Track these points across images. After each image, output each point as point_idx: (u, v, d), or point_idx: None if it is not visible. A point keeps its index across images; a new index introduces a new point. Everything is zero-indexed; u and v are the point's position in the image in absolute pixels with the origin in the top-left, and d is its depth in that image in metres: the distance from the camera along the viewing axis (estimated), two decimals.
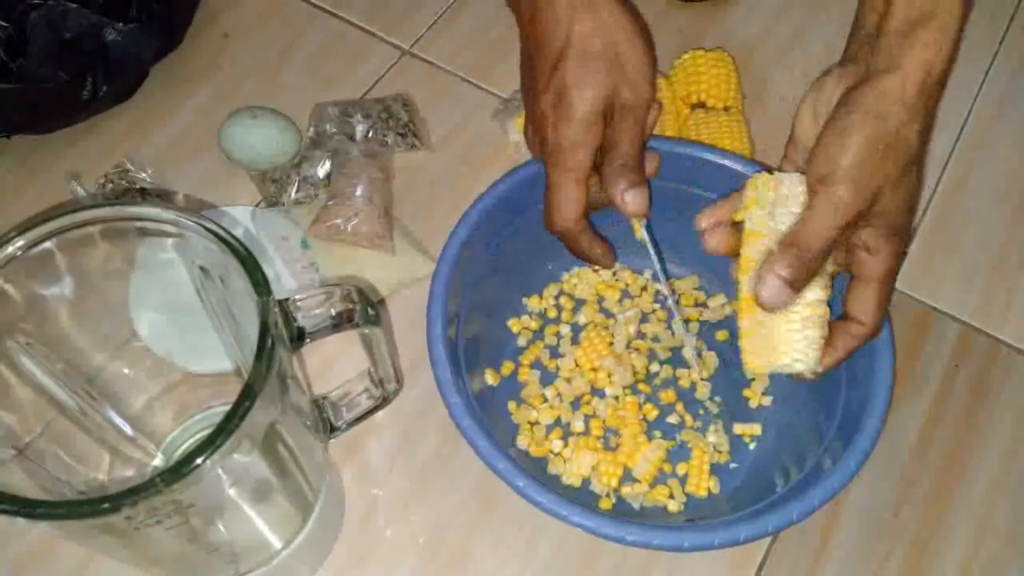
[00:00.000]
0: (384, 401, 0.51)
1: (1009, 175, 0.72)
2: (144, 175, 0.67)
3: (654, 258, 0.55)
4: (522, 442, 0.58)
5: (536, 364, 0.62)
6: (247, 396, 0.35)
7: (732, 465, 0.59)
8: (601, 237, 0.55)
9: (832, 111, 0.45)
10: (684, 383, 0.61)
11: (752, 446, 0.59)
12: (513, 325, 0.63)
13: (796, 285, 0.45)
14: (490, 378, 0.60)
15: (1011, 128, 0.74)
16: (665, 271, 0.56)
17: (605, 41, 0.50)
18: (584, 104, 0.49)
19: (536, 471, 0.57)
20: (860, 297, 0.48)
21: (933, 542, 0.57)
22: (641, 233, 0.54)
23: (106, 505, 0.33)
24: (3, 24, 0.63)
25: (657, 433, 0.59)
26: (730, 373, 0.61)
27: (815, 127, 0.47)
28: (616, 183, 0.51)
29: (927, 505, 0.59)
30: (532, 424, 0.59)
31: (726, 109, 0.70)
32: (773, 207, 0.47)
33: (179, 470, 0.33)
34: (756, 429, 0.59)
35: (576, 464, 0.57)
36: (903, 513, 0.58)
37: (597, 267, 0.65)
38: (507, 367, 0.62)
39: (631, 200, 0.51)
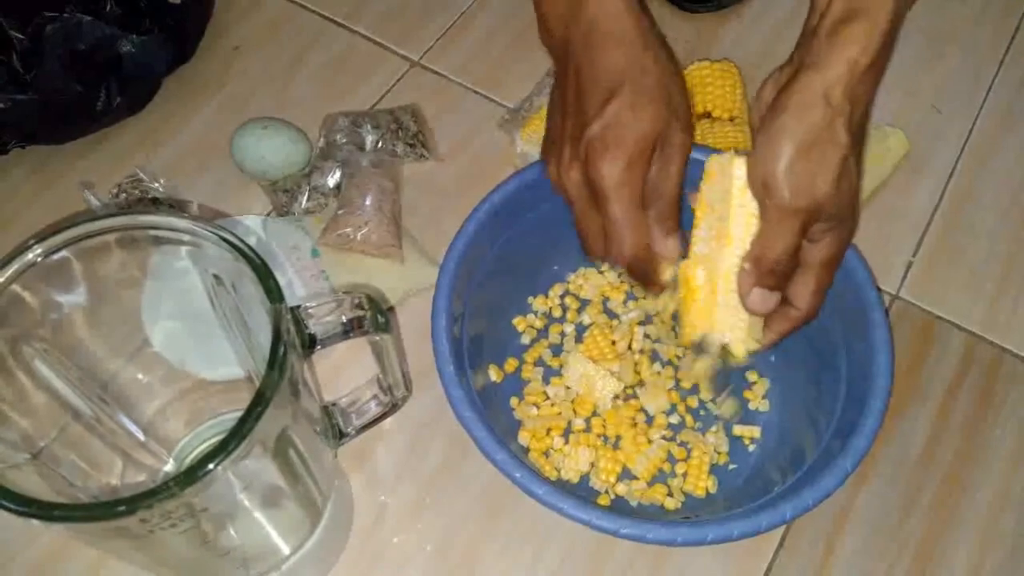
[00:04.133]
0: (393, 408, 0.52)
1: (1014, 185, 0.72)
2: (157, 185, 0.68)
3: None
4: (523, 437, 0.59)
5: (540, 362, 0.63)
6: (260, 402, 0.36)
7: (731, 466, 0.59)
8: None
9: (766, 112, 0.46)
10: (686, 384, 0.62)
11: (751, 448, 0.60)
12: (518, 323, 0.64)
13: (775, 287, 0.48)
14: (493, 374, 0.61)
15: (1016, 138, 0.74)
16: None
17: (658, 80, 0.50)
18: (642, 132, 0.49)
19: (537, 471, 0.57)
20: (798, 283, 0.49)
21: (938, 551, 0.58)
22: (668, 276, 0.53)
23: (122, 508, 0.33)
24: (19, 36, 0.65)
25: (657, 432, 0.60)
26: (732, 375, 0.62)
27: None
28: (660, 227, 0.51)
29: (932, 513, 0.59)
30: (533, 420, 0.60)
31: (732, 119, 0.71)
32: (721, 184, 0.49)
33: (193, 474, 0.34)
34: (755, 431, 0.60)
35: (575, 460, 0.58)
36: (908, 521, 0.58)
37: (604, 269, 0.66)
38: (511, 364, 0.62)
39: (672, 246, 0.51)
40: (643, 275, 0.52)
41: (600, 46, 0.50)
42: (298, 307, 0.41)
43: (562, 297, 0.65)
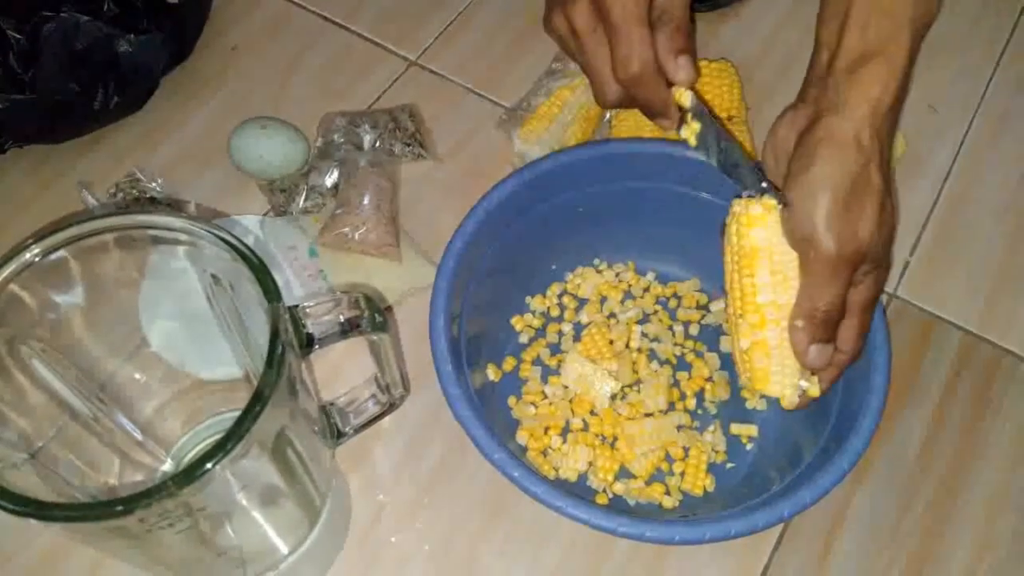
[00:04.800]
0: (391, 407, 0.52)
1: (1011, 185, 0.72)
2: (154, 185, 0.68)
3: (708, 120, 0.52)
4: (521, 436, 0.59)
5: (537, 361, 0.63)
6: (258, 401, 0.36)
7: (729, 465, 0.59)
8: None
9: (791, 159, 0.46)
10: (684, 383, 0.62)
11: (749, 447, 0.60)
12: (516, 323, 0.64)
13: (829, 339, 0.48)
14: (492, 373, 0.61)
15: (1012, 139, 0.74)
16: (723, 134, 0.52)
17: None
18: None
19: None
20: (843, 327, 0.49)
21: (935, 551, 0.58)
22: (687, 101, 0.52)
23: (120, 507, 0.33)
24: (16, 36, 0.64)
25: (655, 430, 0.60)
26: (729, 375, 0.62)
27: (777, 167, 0.48)
28: (670, 48, 0.50)
29: (929, 514, 0.59)
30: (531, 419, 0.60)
31: (729, 119, 0.71)
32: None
33: (191, 473, 0.34)
34: (753, 430, 0.60)
35: (573, 458, 0.58)
36: (905, 522, 0.59)
37: (602, 268, 0.66)
38: (509, 363, 0.62)
39: (684, 64, 0.50)
40: (652, 100, 0.51)
41: None
42: (296, 307, 0.42)
43: (560, 296, 0.66)
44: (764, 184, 0.49)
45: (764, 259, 0.48)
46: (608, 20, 0.49)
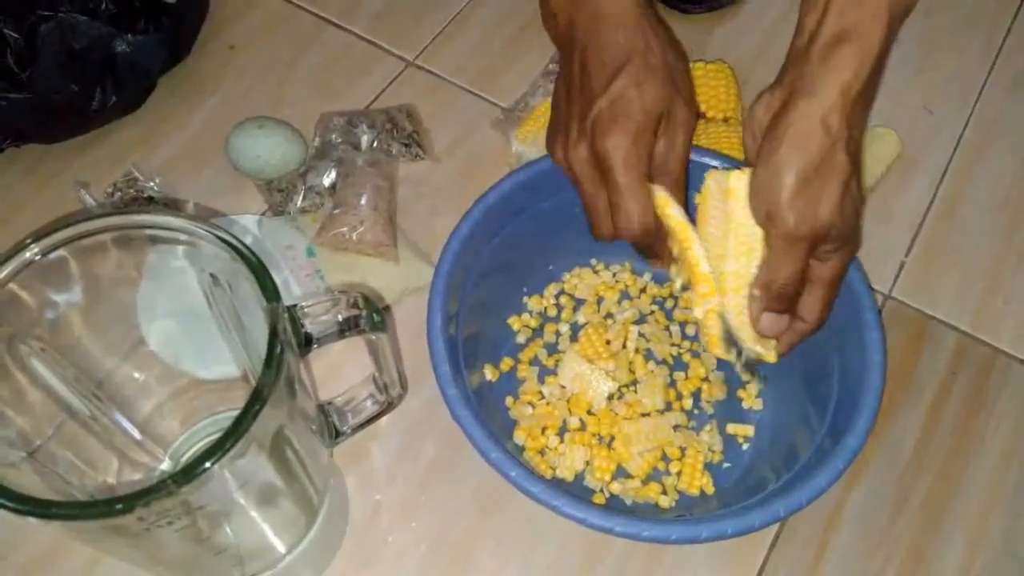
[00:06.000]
0: (389, 406, 0.52)
1: (1005, 186, 0.72)
2: (152, 184, 0.68)
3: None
4: (519, 436, 0.59)
5: (535, 361, 0.63)
6: (256, 400, 0.36)
7: (725, 465, 0.59)
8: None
9: (762, 139, 0.47)
10: (680, 384, 0.62)
11: (745, 447, 0.60)
12: (513, 323, 0.64)
13: (784, 311, 0.50)
14: (489, 374, 0.61)
15: (1007, 139, 0.75)
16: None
17: (662, 58, 0.51)
18: (646, 102, 0.50)
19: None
20: (806, 298, 0.50)
21: (929, 550, 0.58)
22: (677, 249, 0.53)
23: (119, 506, 0.33)
24: (14, 35, 0.64)
25: (652, 430, 0.60)
26: (725, 375, 0.62)
27: (754, 146, 0.49)
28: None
29: (924, 513, 0.59)
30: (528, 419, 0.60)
31: (725, 120, 0.71)
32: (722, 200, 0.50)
33: (190, 472, 0.34)
34: (749, 430, 0.60)
35: (570, 458, 0.58)
36: (900, 520, 0.59)
37: (599, 268, 0.66)
38: (506, 364, 0.63)
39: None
40: (650, 249, 0.53)
41: (605, 28, 0.51)
42: (294, 306, 0.42)
43: (557, 296, 0.66)
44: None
45: (733, 229, 0.50)
46: (610, 178, 0.51)
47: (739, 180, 0.48)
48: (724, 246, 0.49)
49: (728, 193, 0.48)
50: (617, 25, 0.51)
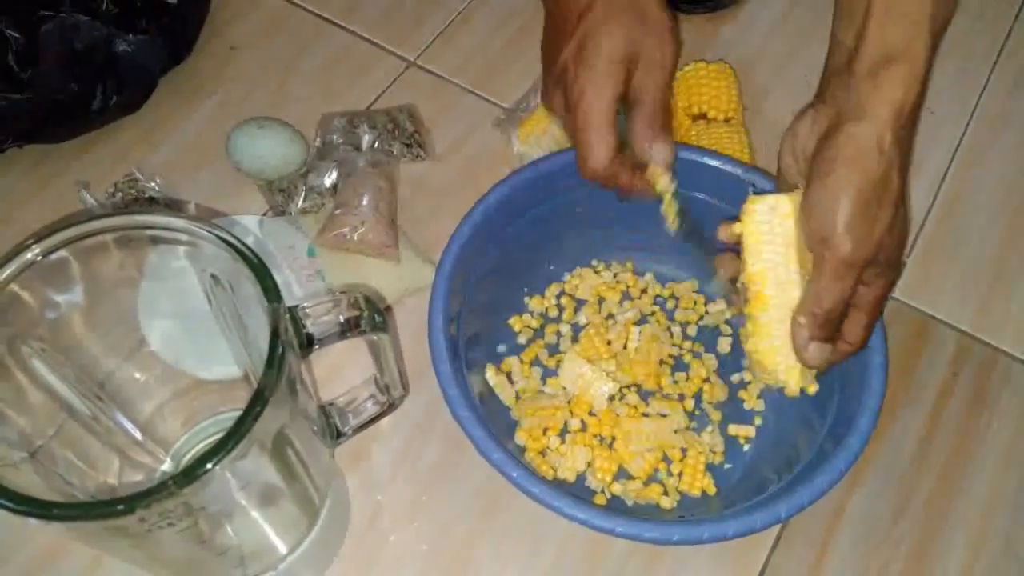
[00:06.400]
0: (390, 407, 0.52)
1: (1006, 186, 0.72)
2: (153, 184, 0.68)
3: (675, 210, 0.55)
4: (520, 437, 0.59)
5: (536, 362, 0.63)
6: (258, 401, 0.36)
7: (727, 466, 0.59)
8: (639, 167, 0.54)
9: (812, 161, 0.46)
10: (682, 384, 0.62)
11: (747, 447, 0.60)
12: (514, 323, 0.64)
13: (830, 339, 0.49)
14: (490, 374, 0.61)
15: (1008, 140, 0.75)
16: (691, 221, 0.56)
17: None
18: (609, 45, 0.50)
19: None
20: (851, 321, 0.49)
21: (932, 550, 0.58)
22: (661, 185, 0.53)
23: (121, 507, 0.33)
24: (15, 35, 0.65)
25: (653, 431, 0.60)
26: (727, 376, 0.62)
27: (796, 166, 0.49)
28: (643, 136, 0.52)
29: (926, 513, 0.59)
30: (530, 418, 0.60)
31: (727, 120, 0.71)
32: (769, 223, 0.49)
33: (192, 473, 0.34)
34: (751, 431, 0.60)
35: (571, 459, 0.58)
36: (902, 521, 0.59)
37: (600, 268, 0.66)
38: (507, 364, 0.62)
39: (659, 151, 0.52)
40: (620, 187, 0.53)
41: None
42: (296, 307, 0.42)
43: (558, 297, 0.66)
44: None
45: (795, 255, 0.49)
46: (575, 123, 0.51)
47: (793, 203, 0.48)
48: (789, 272, 0.48)
49: (787, 216, 0.48)
50: None
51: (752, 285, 0.50)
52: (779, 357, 0.50)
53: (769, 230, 0.49)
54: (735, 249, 0.52)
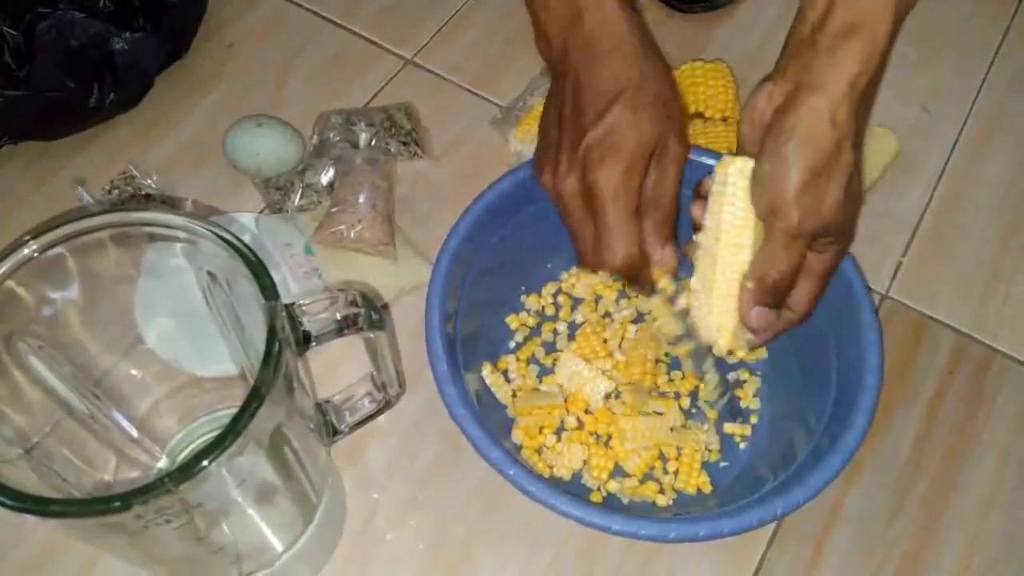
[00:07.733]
0: (386, 405, 0.52)
1: (1003, 186, 0.73)
2: (149, 182, 0.68)
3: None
4: (516, 435, 0.59)
5: (533, 360, 0.63)
6: (255, 398, 0.36)
7: (723, 464, 0.59)
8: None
9: (767, 133, 0.46)
10: (677, 382, 0.62)
11: (742, 445, 0.60)
12: (511, 322, 0.64)
13: (776, 305, 0.49)
14: (487, 372, 0.61)
15: (1005, 139, 0.75)
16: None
17: (656, 91, 0.51)
18: (637, 140, 0.49)
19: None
20: (799, 288, 0.50)
21: (927, 550, 0.58)
22: (665, 285, 0.53)
23: (118, 503, 0.33)
24: (12, 32, 0.64)
25: (649, 429, 0.60)
26: (723, 375, 0.62)
27: (753, 136, 0.48)
28: (656, 237, 0.52)
29: (921, 513, 0.59)
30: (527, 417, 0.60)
31: (724, 119, 0.71)
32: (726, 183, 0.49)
33: (189, 470, 0.34)
34: (747, 429, 0.60)
35: (568, 457, 0.58)
36: (897, 520, 0.59)
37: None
38: (504, 362, 0.63)
39: (668, 255, 0.52)
40: (635, 281, 0.53)
41: (600, 56, 0.50)
42: (292, 304, 0.42)
43: (555, 295, 0.66)
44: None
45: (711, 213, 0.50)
46: (598, 212, 0.50)
47: (743, 167, 0.48)
48: (743, 236, 0.48)
49: (732, 180, 0.48)
50: (613, 53, 0.50)
51: (705, 241, 0.50)
52: (714, 317, 0.50)
53: (732, 192, 0.49)
54: None
